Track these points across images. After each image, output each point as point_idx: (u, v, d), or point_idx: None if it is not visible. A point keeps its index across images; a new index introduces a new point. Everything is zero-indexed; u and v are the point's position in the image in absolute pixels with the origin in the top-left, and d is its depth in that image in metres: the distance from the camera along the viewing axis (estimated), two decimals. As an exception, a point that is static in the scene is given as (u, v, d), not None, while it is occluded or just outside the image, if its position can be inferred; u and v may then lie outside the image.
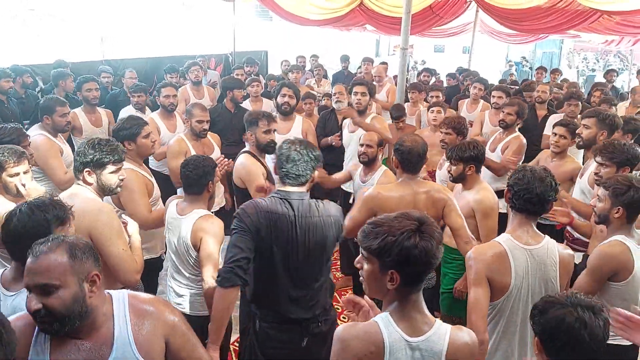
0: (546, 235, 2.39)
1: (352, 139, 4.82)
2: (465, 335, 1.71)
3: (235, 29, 9.98)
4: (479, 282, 2.26)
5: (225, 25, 10.92)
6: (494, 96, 5.76)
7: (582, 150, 4.87)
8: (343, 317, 3.90)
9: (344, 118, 5.14)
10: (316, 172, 2.56)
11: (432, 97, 6.24)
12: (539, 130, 5.61)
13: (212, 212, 4.01)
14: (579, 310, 1.59)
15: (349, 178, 4.24)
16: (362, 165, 4.02)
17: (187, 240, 2.76)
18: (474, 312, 2.22)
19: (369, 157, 3.92)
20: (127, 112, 5.26)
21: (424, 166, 3.34)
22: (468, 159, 3.29)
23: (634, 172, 3.35)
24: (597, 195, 2.68)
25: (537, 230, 2.38)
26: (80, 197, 2.56)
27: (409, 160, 3.03)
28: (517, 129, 4.82)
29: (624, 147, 3.26)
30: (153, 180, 3.45)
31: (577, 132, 4.01)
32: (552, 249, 2.34)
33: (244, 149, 3.71)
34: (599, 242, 2.68)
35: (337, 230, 2.52)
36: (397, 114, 5.50)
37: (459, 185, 3.48)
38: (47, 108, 4.08)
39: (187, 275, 2.90)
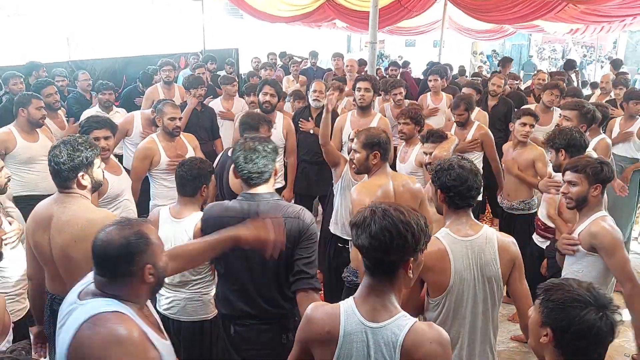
0: (484, 224, 2.41)
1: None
2: (429, 332, 1.64)
3: (205, 27, 9.89)
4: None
5: (194, 24, 10.81)
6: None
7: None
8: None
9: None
10: (277, 165, 2.51)
11: (394, 94, 5.90)
12: (489, 119, 5.65)
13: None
14: (595, 309, 1.53)
15: (342, 162, 3.92)
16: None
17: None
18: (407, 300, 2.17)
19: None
20: (92, 112, 5.12)
21: None
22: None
23: None
24: (567, 180, 2.71)
25: (475, 220, 2.36)
26: (78, 205, 2.46)
27: (387, 150, 3.08)
28: (475, 121, 4.89)
29: (569, 132, 3.35)
30: (110, 178, 3.43)
31: (557, 122, 4.05)
32: (491, 236, 2.32)
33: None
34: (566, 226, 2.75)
35: (296, 238, 2.34)
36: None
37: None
38: (23, 101, 4.13)
39: (179, 279, 2.85)
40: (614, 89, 6.58)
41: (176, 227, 2.81)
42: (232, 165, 2.45)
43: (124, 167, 4.05)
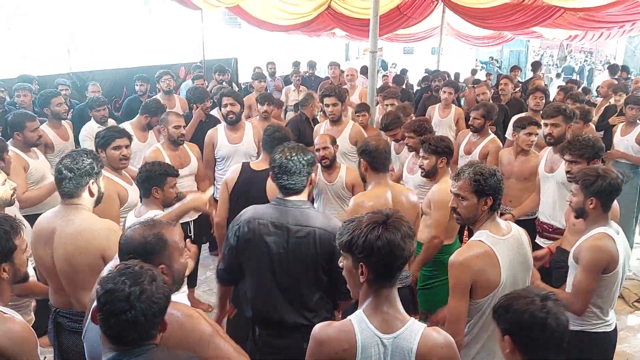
0: (507, 221, 2.46)
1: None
2: (439, 337, 1.69)
3: (204, 37, 9.91)
4: (459, 290, 2.22)
5: (194, 34, 10.84)
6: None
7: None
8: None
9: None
10: (313, 175, 2.55)
11: (386, 105, 5.81)
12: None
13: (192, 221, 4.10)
14: (538, 300, 1.66)
15: None
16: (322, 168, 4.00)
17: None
18: (454, 323, 2.19)
19: (330, 159, 3.95)
20: (89, 127, 5.15)
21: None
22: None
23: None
24: (572, 190, 2.71)
25: (501, 219, 2.40)
26: (82, 217, 2.49)
27: (377, 158, 3.09)
28: (490, 131, 4.88)
29: (589, 142, 3.31)
30: (128, 187, 3.46)
31: (547, 131, 4.04)
32: (518, 229, 2.40)
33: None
34: (573, 236, 2.72)
35: (325, 246, 2.39)
36: (359, 108, 5.50)
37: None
38: (16, 124, 4.02)
39: None
40: (614, 95, 6.59)
41: None
42: (271, 173, 2.54)
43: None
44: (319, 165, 3.95)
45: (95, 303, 1.56)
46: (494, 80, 10.84)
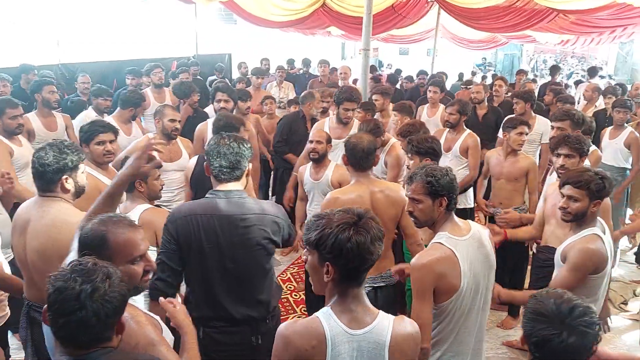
0: (467, 220, 2.43)
1: (337, 146, 4.54)
2: (407, 325, 1.71)
3: (198, 32, 9.88)
4: (423, 294, 2.17)
5: (188, 29, 10.80)
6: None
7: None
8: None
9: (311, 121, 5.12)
10: (250, 165, 2.49)
11: (374, 100, 5.74)
12: (479, 128, 5.65)
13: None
14: (565, 335, 1.59)
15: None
16: (311, 163, 4.03)
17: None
18: (420, 327, 2.18)
19: (320, 154, 3.93)
20: (85, 116, 5.10)
21: None
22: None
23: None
24: (567, 194, 2.62)
25: (461, 219, 2.37)
26: (58, 209, 2.42)
27: (355, 156, 3.05)
28: (465, 127, 4.88)
29: (583, 139, 3.40)
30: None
31: (551, 134, 4.05)
32: (478, 227, 2.36)
33: None
34: (562, 230, 2.71)
35: (275, 229, 2.40)
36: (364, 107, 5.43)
37: None
38: None
39: None
40: (603, 98, 6.62)
41: None
42: (206, 163, 2.44)
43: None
44: (310, 160, 4.01)
45: None
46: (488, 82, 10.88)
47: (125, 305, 1.49)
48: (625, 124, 5.37)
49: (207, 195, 2.39)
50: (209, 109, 5.84)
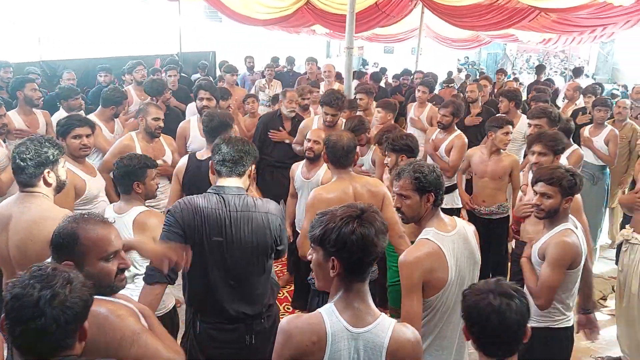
0: (453, 216, 2.46)
1: None
2: (409, 332, 1.71)
3: (182, 29, 9.80)
4: (412, 290, 2.19)
5: (171, 26, 10.70)
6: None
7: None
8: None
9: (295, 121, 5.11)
10: (253, 167, 2.51)
11: (358, 99, 5.76)
12: (473, 127, 5.74)
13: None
14: (491, 297, 1.66)
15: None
16: (305, 161, 4.04)
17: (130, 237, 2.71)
18: (411, 322, 2.17)
19: (315, 153, 3.93)
20: (58, 116, 4.96)
21: None
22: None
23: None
24: (540, 192, 2.67)
25: (447, 215, 2.40)
26: (39, 205, 2.42)
27: (334, 154, 3.09)
28: (456, 128, 4.91)
29: (559, 136, 3.45)
30: (87, 179, 3.37)
31: (529, 132, 4.10)
32: (463, 224, 2.39)
33: None
34: (533, 227, 2.73)
35: (276, 227, 2.43)
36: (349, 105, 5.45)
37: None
38: None
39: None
40: (583, 97, 6.71)
41: (118, 222, 2.78)
42: (211, 162, 2.46)
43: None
44: (305, 158, 4.01)
45: None
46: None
47: (87, 311, 1.44)
48: (606, 123, 5.45)
49: (209, 191, 2.41)
50: (192, 106, 5.83)
